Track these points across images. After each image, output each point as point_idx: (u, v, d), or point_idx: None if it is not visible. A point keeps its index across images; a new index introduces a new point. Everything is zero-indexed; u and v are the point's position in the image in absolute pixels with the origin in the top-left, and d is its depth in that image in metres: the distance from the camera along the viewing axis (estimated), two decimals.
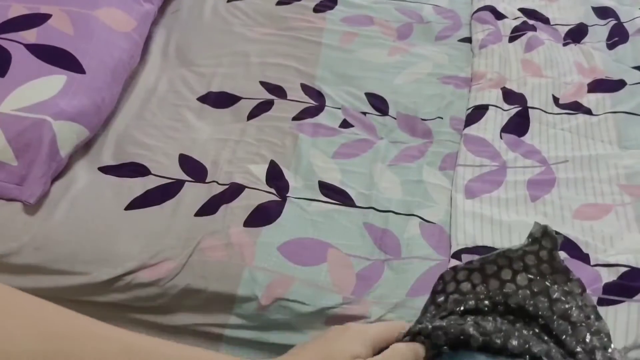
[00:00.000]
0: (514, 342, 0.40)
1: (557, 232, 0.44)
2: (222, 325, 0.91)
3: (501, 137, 1.12)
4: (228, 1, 1.40)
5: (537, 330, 0.42)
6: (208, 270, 0.92)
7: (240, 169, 1.05)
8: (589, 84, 1.22)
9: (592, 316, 0.42)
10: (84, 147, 1.08)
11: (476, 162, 1.08)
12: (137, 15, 1.22)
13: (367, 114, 1.17)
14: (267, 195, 1.01)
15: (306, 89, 1.20)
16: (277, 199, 1.00)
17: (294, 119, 1.14)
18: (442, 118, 1.17)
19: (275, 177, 1.04)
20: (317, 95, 1.19)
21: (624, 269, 0.91)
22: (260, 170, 1.05)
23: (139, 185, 1.02)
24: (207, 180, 1.03)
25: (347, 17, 1.37)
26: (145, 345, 0.38)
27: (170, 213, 0.98)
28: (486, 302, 0.43)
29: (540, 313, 0.42)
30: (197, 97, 1.19)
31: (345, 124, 1.15)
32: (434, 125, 1.16)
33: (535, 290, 0.43)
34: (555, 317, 0.42)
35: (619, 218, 0.99)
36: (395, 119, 1.17)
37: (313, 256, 0.93)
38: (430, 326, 0.41)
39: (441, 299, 0.45)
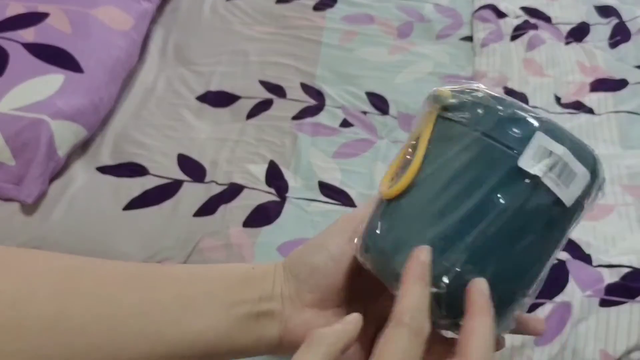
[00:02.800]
0: None
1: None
2: None
3: None
4: None
5: None
6: None
7: (239, 169, 1.04)
8: (591, 83, 1.21)
9: None
10: (82, 147, 1.08)
11: None
12: (135, 13, 1.22)
13: (367, 113, 1.16)
14: (267, 196, 1.00)
15: (306, 88, 1.20)
16: (277, 199, 1.00)
17: (294, 118, 1.13)
18: None
19: (274, 177, 1.03)
20: (317, 95, 1.18)
21: (627, 270, 0.90)
22: (260, 170, 1.04)
23: (137, 185, 1.01)
24: (205, 180, 1.03)
25: (347, 15, 1.36)
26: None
27: (169, 213, 0.97)
28: None
29: None
30: (195, 97, 1.18)
31: (345, 124, 1.14)
32: None
33: None
34: None
35: (622, 218, 0.98)
36: (396, 118, 1.16)
37: None
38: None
39: None
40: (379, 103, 1.18)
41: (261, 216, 0.97)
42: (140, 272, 0.40)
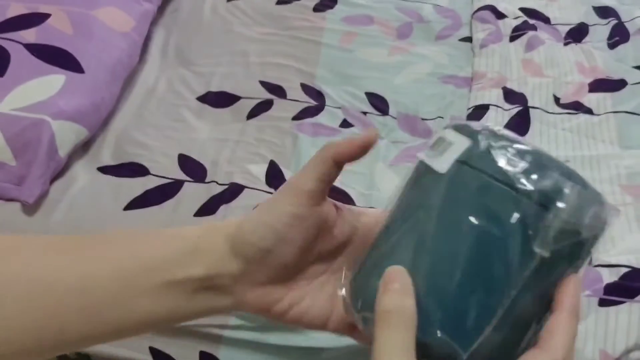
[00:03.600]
0: None
1: None
2: (221, 326, 0.91)
3: None
4: (228, 0, 1.40)
5: None
6: None
7: (239, 169, 1.04)
8: (589, 84, 1.21)
9: None
10: (83, 147, 1.08)
11: None
12: (136, 14, 1.22)
13: (367, 114, 1.17)
14: (267, 196, 1.00)
15: (306, 88, 1.20)
16: None
17: (294, 118, 1.14)
18: (442, 118, 1.17)
19: (275, 177, 1.04)
20: (317, 95, 1.19)
21: (625, 270, 0.90)
22: (260, 170, 1.04)
23: (138, 186, 1.01)
24: (206, 180, 1.03)
25: (347, 16, 1.37)
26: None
27: (170, 213, 0.98)
28: None
29: None
30: (196, 97, 1.18)
31: (345, 124, 1.14)
32: (434, 125, 1.15)
33: None
34: None
35: (620, 218, 0.98)
36: (395, 118, 1.16)
37: None
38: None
39: None
40: (379, 103, 1.18)
41: None
42: (79, 244, 0.38)
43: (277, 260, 0.36)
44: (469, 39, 1.34)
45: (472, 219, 0.32)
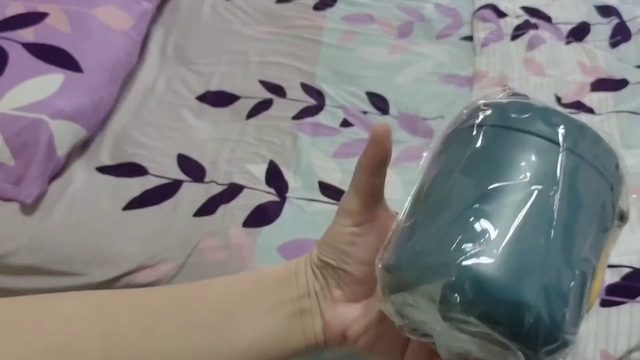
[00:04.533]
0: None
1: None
2: None
3: None
4: None
5: None
6: (207, 271, 0.91)
7: (239, 169, 1.04)
8: (591, 83, 1.21)
9: None
10: (82, 147, 1.08)
11: None
12: (135, 13, 1.21)
13: (367, 113, 1.16)
14: (267, 196, 1.00)
15: (306, 88, 1.20)
16: (277, 199, 1.00)
17: (294, 118, 1.13)
18: (443, 117, 1.16)
19: (274, 177, 1.03)
20: (317, 95, 1.18)
21: (627, 270, 0.90)
22: (260, 170, 1.04)
23: (137, 186, 1.01)
24: (205, 180, 1.03)
25: (347, 15, 1.36)
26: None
27: (169, 213, 0.97)
28: None
29: None
30: (195, 96, 1.18)
31: (345, 123, 1.14)
32: (435, 124, 1.15)
33: None
34: None
35: None
36: (396, 118, 1.16)
37: None
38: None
39: None
40: (379, 103, 1.18)
41: (261, 216, 0.97)
42: (175, 294, 0.40)
43: (349, 277, 0.38)
44: (470, 38, 1.34)
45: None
